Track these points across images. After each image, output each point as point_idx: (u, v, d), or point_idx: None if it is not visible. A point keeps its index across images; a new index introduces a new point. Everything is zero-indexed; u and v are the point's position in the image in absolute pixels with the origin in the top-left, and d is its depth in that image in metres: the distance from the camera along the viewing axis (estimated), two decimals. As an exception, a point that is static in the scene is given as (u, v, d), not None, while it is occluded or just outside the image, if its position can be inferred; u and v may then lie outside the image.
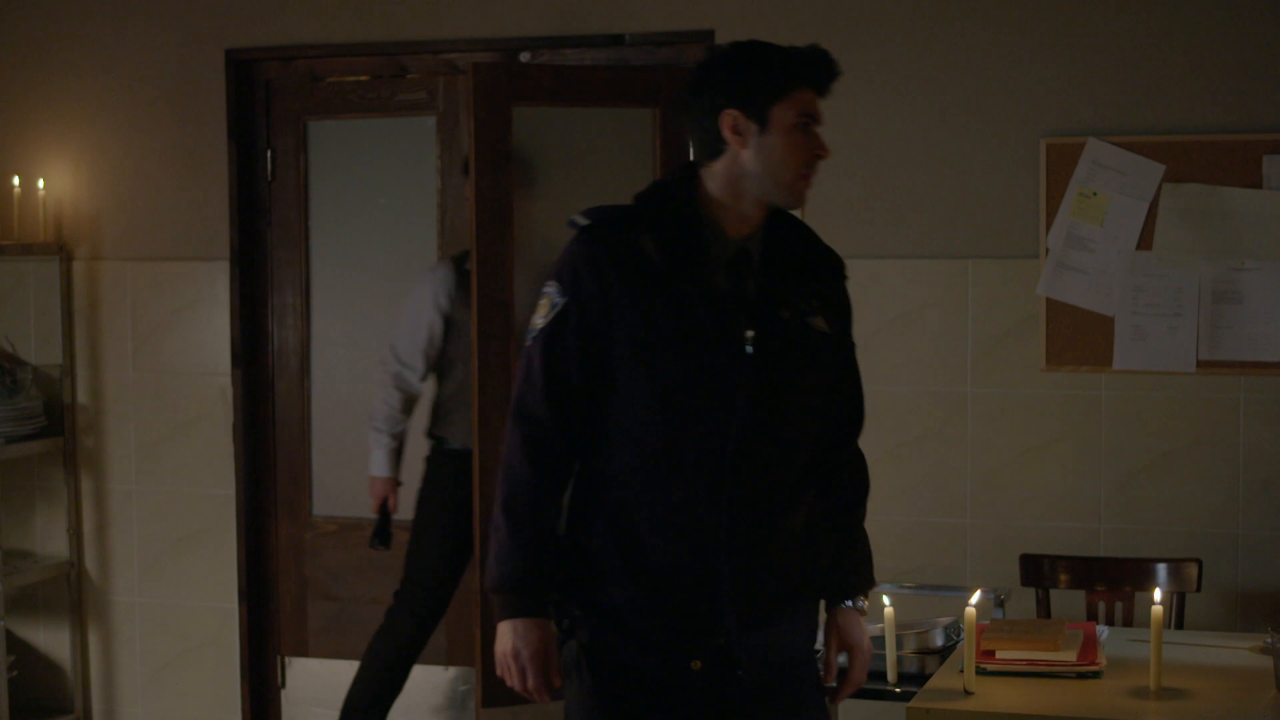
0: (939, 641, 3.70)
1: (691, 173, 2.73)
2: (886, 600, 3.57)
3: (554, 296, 2.68)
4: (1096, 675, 3.35)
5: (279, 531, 5.26)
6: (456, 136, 4.99)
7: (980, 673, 3.26)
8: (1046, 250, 4.45)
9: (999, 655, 3.35)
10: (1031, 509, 4.53)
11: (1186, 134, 4.37)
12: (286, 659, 5.28)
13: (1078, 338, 4.43)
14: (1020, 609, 4.22)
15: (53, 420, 5.27)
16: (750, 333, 2.66)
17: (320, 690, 4.90)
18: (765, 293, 2.70)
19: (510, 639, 2.66)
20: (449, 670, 5.12)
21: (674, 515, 2.66)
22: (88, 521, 5.32)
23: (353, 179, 4.88)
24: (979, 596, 3.38)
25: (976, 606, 3.26)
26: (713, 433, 2.65)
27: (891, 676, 3.58)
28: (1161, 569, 4.11)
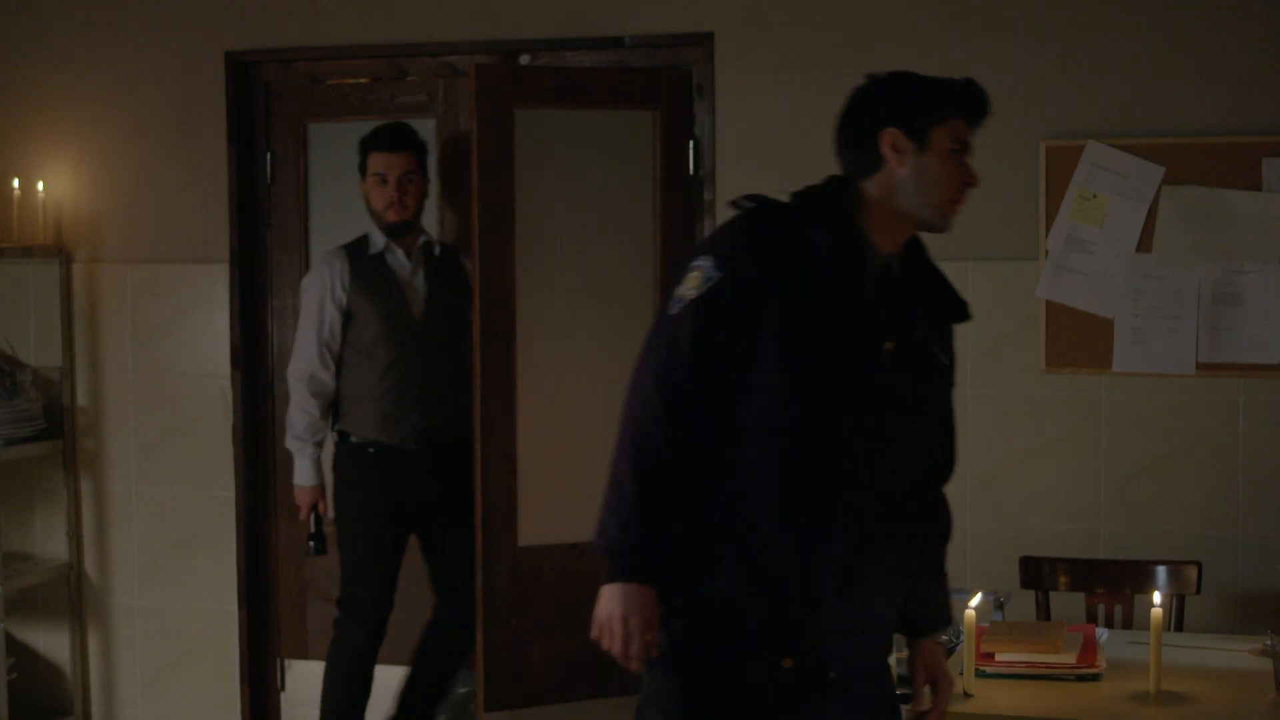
0: (939, 644, 3.69)
1: (845, 186, 2.78)
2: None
3: (708, 270, 2.68)
4: (1096, 678, 3.36)
5: (279, 533, 5.25)
6: (456, 139, 4.99)
7: (980, 675, 3.26)
8: (1046, 252, 4.45)
9: (999, 657, 3.35)
10: (1031, 511, 4.53)
11: (1186, 136, 4.37)
12: (286, 661, 5.27)
13: (1077, 340, 4.43)
14: (1020, 611, 4.21)
15: (52, 422, 5.27)
16: (890, 344, 2.72)
17: (319, 693, 4.89)
18: (903, 312, 2.76)
19: (621, 602, 2.65)
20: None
21: (789, 511, 2.68)
22: (87, 523, 5.32)
23: (352, 181, 4.88)
24: (979, 598, 3.38)
25: (976, 609, 3.26)
26: (839, 434, 2.68)
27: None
28: (1161, 571, 4.11)
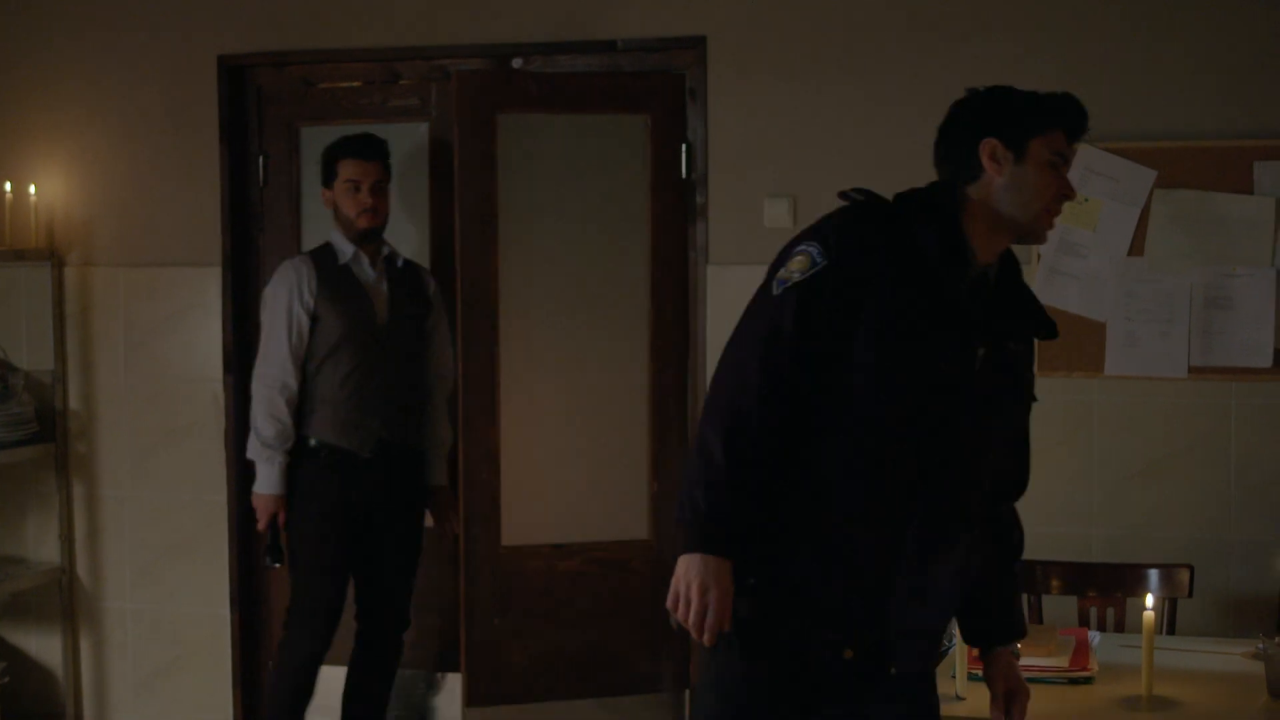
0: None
1: (952, 190, 2.80)
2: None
3: (815, 256, 2.69)
4: (1088, 681, 3.36)
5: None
6: (449, 143, 4.99)
7: (972, 678, 3.26)
8: (1038, 256, 4.45)
9: (991, 661, 3.35)
10: (1023, 514, 4.49)
11: (1178, 140, 4.38)
12: (278, 665, 5.26)
13: (1069, 343, 4.43)
14: (1012, 614, 4.21)
15: (44, 426, 5.26)
16: (982, 350, 2.74)
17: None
18: (997, 322, 2.79)
19: (700, 573, 2.65)
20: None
21: (869, 505, 2.70)
22: (79, 527, 5.31)
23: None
24: (971, 602, 3.37)
25: (968, 612, 3.26)
26: (922, 433, 2.70)
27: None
28: (1153, 574, 4.11)
